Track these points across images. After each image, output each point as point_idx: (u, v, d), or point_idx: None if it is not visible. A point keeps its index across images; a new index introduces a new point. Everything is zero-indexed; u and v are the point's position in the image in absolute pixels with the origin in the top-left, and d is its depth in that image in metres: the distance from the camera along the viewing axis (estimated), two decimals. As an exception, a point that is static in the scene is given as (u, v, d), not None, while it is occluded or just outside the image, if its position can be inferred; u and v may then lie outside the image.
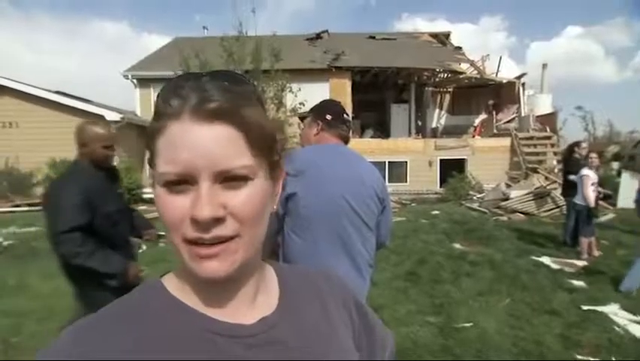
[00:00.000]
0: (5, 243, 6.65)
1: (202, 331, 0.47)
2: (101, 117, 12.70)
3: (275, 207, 0.52)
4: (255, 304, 0.52)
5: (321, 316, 0.56)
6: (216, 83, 0.46)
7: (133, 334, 0.45)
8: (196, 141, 0.43)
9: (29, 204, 10.95)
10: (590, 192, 5.45)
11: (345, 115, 1.68)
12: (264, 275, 0.56)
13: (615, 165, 14.19)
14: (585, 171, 5.52)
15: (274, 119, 0.50)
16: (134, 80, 15.06)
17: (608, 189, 10.26)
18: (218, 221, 0.43)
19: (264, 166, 0.48)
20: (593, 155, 5.81)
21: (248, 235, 0.46)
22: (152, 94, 14.99)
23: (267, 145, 0.48)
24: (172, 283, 0.51)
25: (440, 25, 71.13)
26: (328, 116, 1.66)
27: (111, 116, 12.77)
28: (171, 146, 0.44)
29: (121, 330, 0.45)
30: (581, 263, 5.31)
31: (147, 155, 0.48)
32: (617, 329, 3.39)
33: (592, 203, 5.43)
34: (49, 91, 13.03)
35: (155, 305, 0.48)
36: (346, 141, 1.70)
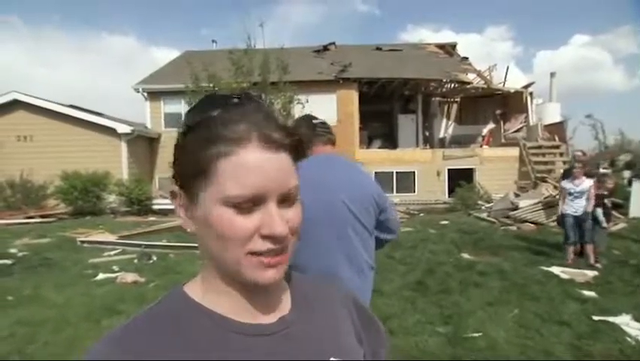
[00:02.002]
0: (19, 254, 6.77)
1: (228, 332, 0.52)
2: (113, 130, 12.98)
3: None
4: (271, 307, 0.57)
5: (330, 316, 0.62)
6: (264, 110, 0.51)
7: (165, 342, 0.49)
8: (266, 167, 0.48)
9: (42, 216, 11.14)
10: (563, 203, 5.88)
11: (314, 121, 1.77)
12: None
13: (627, 173, 14.00)
14: (561, 183, 5.94)
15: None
16: (145, 94, 15.32)
17: (620, 198, 10.15)
18: (287, 236, 0.50)
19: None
20: (578, 165, 6.00)
21: (292, 246, 0.52)
22: (162, 107, 15.24)
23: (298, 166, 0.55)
24: (193, 291, 0.56)
25: (445, 36, 71.38)
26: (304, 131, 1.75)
27: (122, 128, 13.02)
28: (242, 170, 0.48)
29: (153, 339, 0.49)
30: (591, 273, 5.26)
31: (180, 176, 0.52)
32: (628, 339, 3.36)
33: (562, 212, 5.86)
34: (63, 105, 13.33)
35: (181, 313, 0.53)
36: (331, 143, 1.78)
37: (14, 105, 12.96)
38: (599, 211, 5.89)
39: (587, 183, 5.66)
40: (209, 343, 0.51)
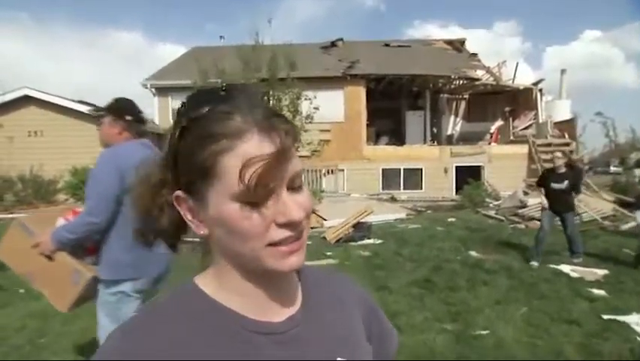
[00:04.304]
0: (30, 247, 6.86)
1: (239, 329, 0.52)
2: (122, 126, 13.06)
3: None
4: (282, 303, 0.56)
5: (340, 315, 0.61)
6: (254, 99, 0.50)
7: (177, 334, 0.49)
8: (269, 156, 0.46)
9: (52, 210, 11.26)
10: None
11: (140, 113, 2.04)
12: (288, 275, 0.59)
13: (638, 171, 13.79)
14: None
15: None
16: (153, 89, 15.40)
17: (631, 196, 10.01)
18: (303, 220, 0.50)
19: None
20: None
21: (307, 229, 0.52)
22: (170, 102, 15.31)
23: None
24: (207, 286, 0.54)
25: (453, 32, 70.91)
26: (128, 117, 1.99)
27: (131, 124, 13.09)
28: (246, 163, 0.46)
29: (166, 331, 0.49)
30: (602, 272, 5.21)
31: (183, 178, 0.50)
32: (639, 339, 3.33)
33: None
34: (73, 100, 13.43)
35: (194, 307, 0.52)
36: (142, 135, 2.06)
37: (25, 101, 13.10)
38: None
39: None
40: (222, 340, 0.50)
